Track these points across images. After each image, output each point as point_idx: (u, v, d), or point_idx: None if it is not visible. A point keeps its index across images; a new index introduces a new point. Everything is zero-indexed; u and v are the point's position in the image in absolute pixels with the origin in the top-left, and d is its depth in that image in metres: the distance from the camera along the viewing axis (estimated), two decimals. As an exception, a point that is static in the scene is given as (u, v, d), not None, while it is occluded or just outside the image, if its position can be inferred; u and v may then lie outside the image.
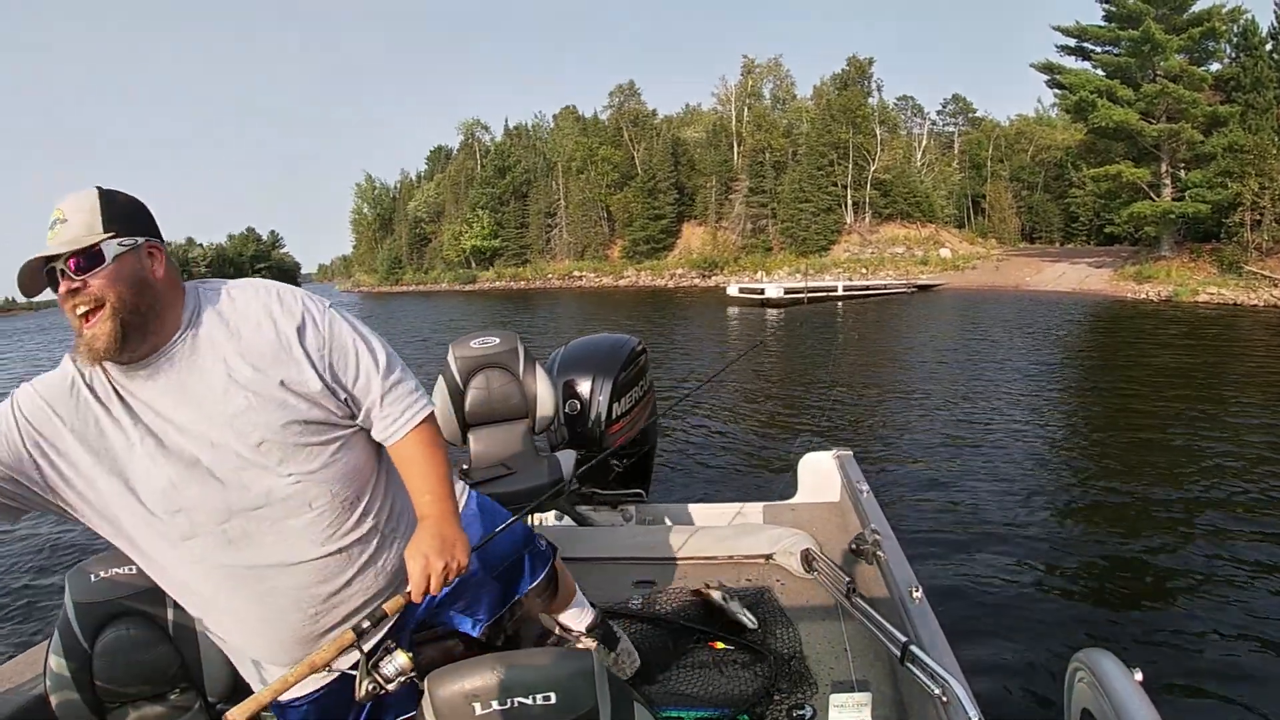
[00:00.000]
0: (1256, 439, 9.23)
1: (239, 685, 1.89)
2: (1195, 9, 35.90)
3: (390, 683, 1.56)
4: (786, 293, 36.79)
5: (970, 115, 70.18)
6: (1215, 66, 37.18)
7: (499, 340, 3.77)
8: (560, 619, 2.52)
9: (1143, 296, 31.02)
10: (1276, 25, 35.08)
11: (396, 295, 77.98)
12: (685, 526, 3.80)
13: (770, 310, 33.32)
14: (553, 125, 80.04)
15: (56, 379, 1.51)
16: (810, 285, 39.07)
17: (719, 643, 2.67)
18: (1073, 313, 26.52)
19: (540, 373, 3.77)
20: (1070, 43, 40.07)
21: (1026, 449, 9.33)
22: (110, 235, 1.45)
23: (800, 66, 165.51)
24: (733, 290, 40.52)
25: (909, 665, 2.01)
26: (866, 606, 2.44)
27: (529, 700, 1.42)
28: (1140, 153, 37.33)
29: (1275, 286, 28.47)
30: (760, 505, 4.05)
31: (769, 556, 3.32)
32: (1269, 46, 35.16)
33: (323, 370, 1.62)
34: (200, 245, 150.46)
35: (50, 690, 1.88)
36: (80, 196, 1.47)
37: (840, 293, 39.39)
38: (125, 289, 1.45)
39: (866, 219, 57.01)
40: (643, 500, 4.33)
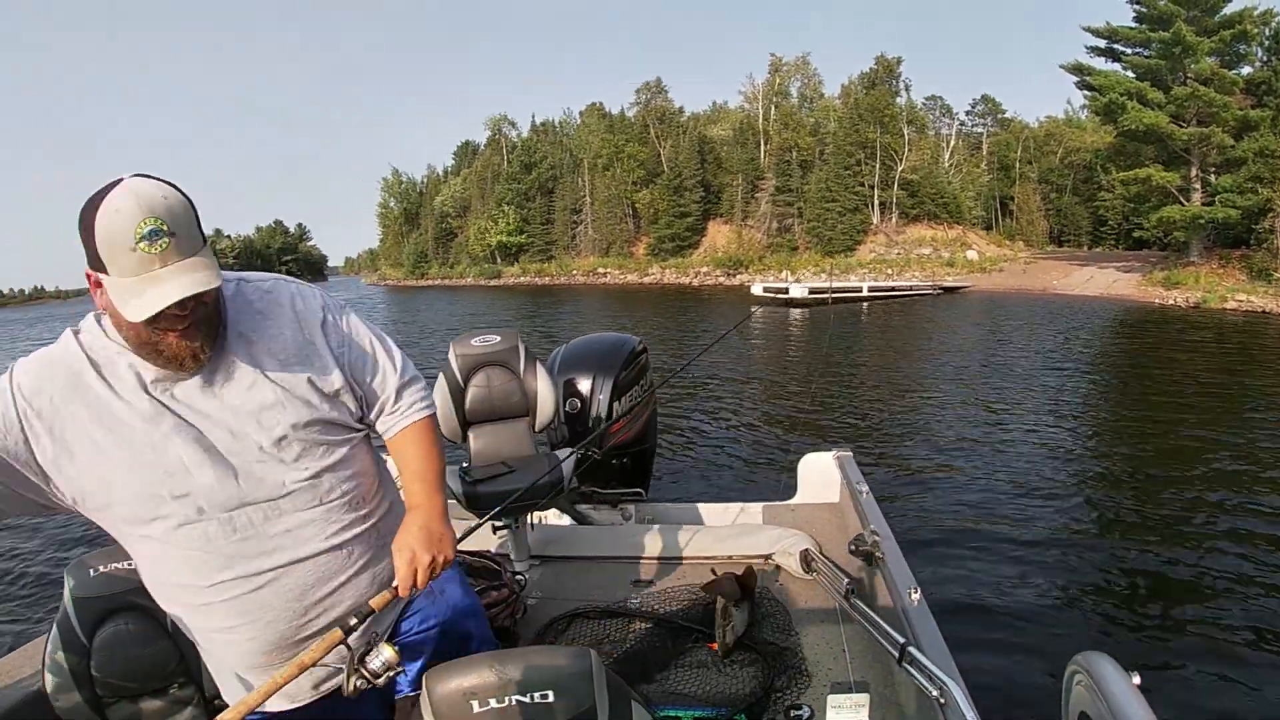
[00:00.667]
0: (1276, 447, 9.18)
1: None
2: (1226, 11, 35.51)
3: (378, 677, 1.54)
4: (811, 293, 36.61)
5: (999, 116, 69.59)
6: (1246, 70, 36.81)
7: (500, 338, 3.76)
8: None
9: (1170, 302, 30.71)
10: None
11: (422, 289, 78.33)
12: (685, 526, 3.83)
13: (794, 310, 33.13)
14: (579, 122, 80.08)
15: (60, 354, 1.46)
16: (835, 285, 38.94)
17: (717, 642, 2.66)
18: (1098, 317, 26.35)
19: (541, 371, 3.76)
20: (1100, 44, 39.67)
21: (1032, 453, 9.33)
22: (204, 247, 1.41)
23: (828, 65, 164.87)
24: (757, 289, 40.43)
25: (907, 666, 2.03)
26: (865, 607, 2.46)
27: (527, 699, 1.43)
28: (1170, 156, 36.89)
29: (1306, 294, 28.20)
30: (760, 505, 4.08)
31: (768, 556, 3.34)
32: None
33: (344, 367, 1.65)
34: (228, 237, 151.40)
35: (49, 685, 1.88)
36: (168, 200, 1.36)
37: (865, 293, 39.16)
38: (213, 300, 1.47)
39: (893, 219, 56.72)
40: (642, 499, 4.35)
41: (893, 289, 41.15)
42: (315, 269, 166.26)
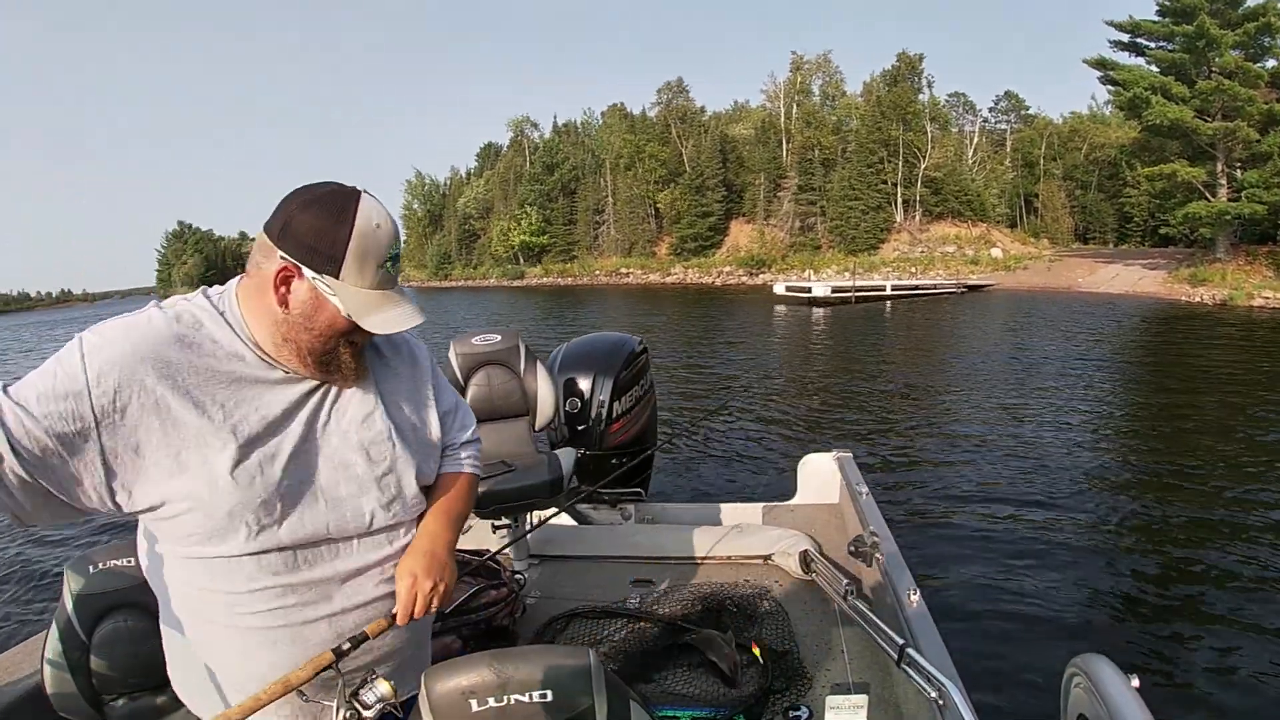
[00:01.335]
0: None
1: None
2: (1250, 4, 35.06)
3: (369, 709, 1.41)
4: (834, 292, 36.59)
5: (1023, 112, 69.10)
6: (1271, 63, 36.19)
7: (500, 338, 3.73)
8: None
9: (1197, 300, 30.50)
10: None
11: (445, 290, 78.64)
12: (684, 526, 3.82)
13: (817, 309, 33.07)
14: (601, 122, 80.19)
15: (153, 338, 1.30)
16: (858, 284, 38.81)
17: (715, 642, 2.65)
18: (1123, 315, 26.20)
19: (541, 371, 3.73)
20: (1124, 38, 39.27)
21: (1035, 454, 9.29)
22: None
23: (850, 63, 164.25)
24: (779, 289, 40.40)
25: (906, 668, 2.03)
26: (864, 608, 2.45)
27: (525, 698, 1.41)
28: (1195, 151, 36.51)
29: (1335, 290, 27.90)
30: (760, 506, 4.07)
31: (768, 557, 3.34)
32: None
33: (441, 419, 1.66)
34: (253, 239, 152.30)
35: (47, 681, 1.87)
36: (398, 232, 1.41)
37: (889, 292, 39.13)
38: None
39: (917, 217, 56.52)
40: (642, 499, 4.34)
41: (916, 288, 41.07)
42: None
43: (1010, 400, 12.48)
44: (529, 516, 3.68)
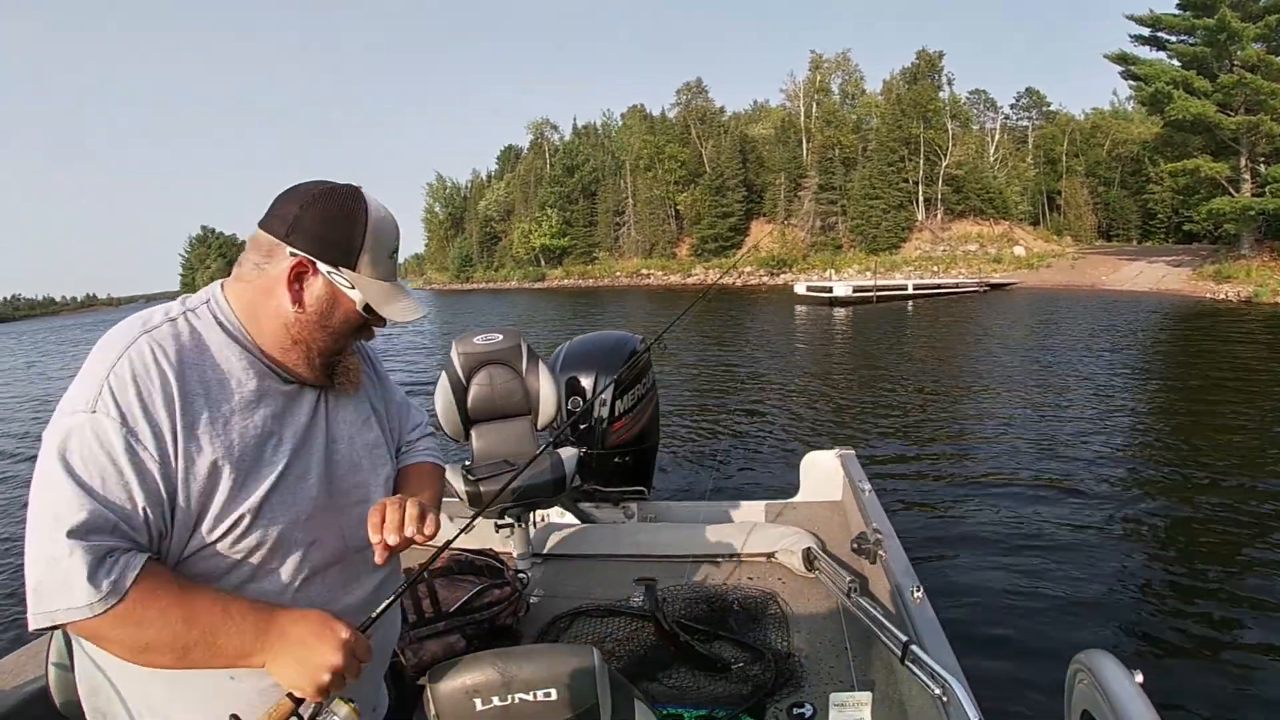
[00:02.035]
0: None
1: None
2: (1271, -5, 34.53)
3: None
4: (855, 291, 36.45)
5: (1044, 109, 68.72)
6: (1294, 55, 35.81)
7: (502, 337, 3.70)
8: None
9: (1221, 297, 30.16)
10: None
11: (467, 293, 79.02)
12: (687, 524, 3.83)
13: (838, 309, 32.96)
14: (620, 124, 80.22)
15: (176, 342, 1.24)
16: (879, 284, 38.66)
17: (719, 640, 2.66)
18: (1146, 313, 25.99)
19: (543, 370, 3.71)
20: (1144, 32, 38.77)
21: (1044, 450, 9.24)
22: None
23: (869, 61, 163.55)
24: (800, 289, 40.22)
25: (909, 665, 2.03)
26: (868, 605, 2.44)
27: (530, 696, 1.43)
28: (1218, 146, 36.19)
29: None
30: (763, 503, 4.06)
31: (771, 555, 3.33)
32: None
33: (396, 411, 1.64)
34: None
35: (52, 684, 1.76)
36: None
37: (910, 291, 38.98)
38: None
39: (938, 216, 56.27)
40: (645, 498, 4.31)
41: (938, 287, 40.77)
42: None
43: (1025, 399, 12.42)
44: (532, 515, 3.71)
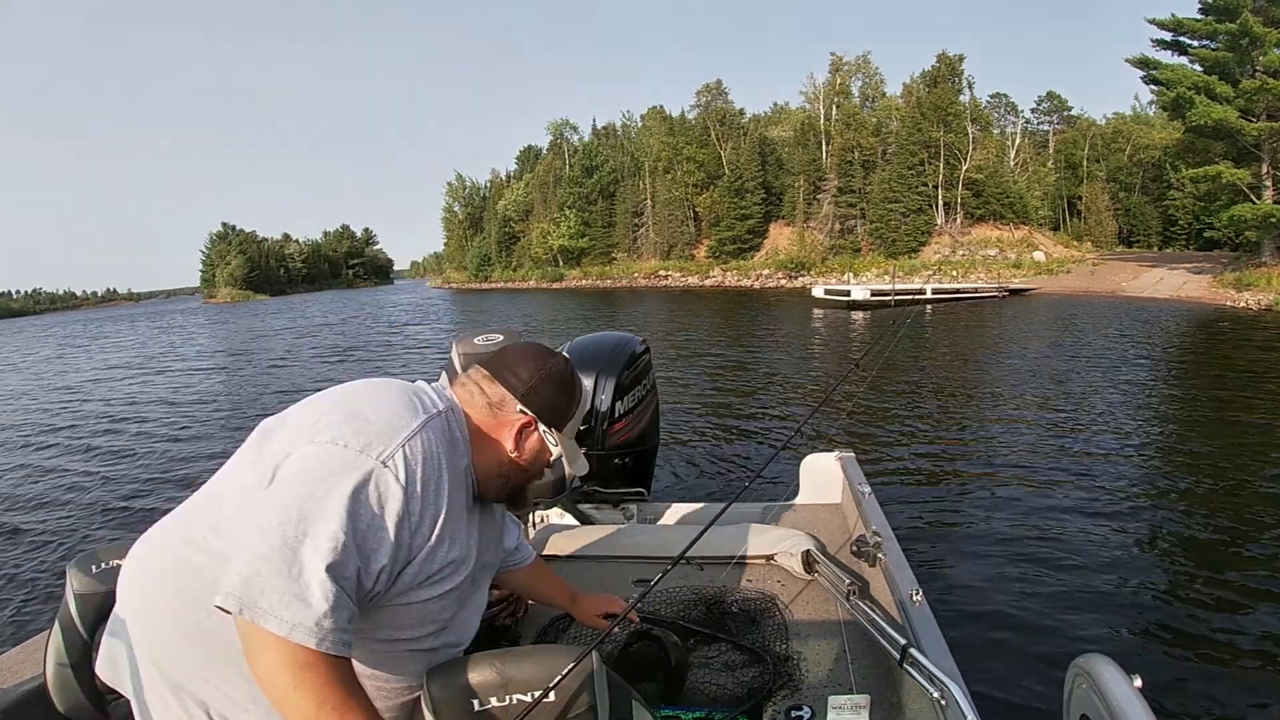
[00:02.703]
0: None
1: None
2: (1294, 0, 34.10)
3: None
4: (873, 295, 36.43)
5: (1065, 113, 68.36)
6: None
7: (502, 338, 3.68)
8: None
9: (1241, 305, 29.87)
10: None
11: (485, 292, 79.42)
12: (687, 526, 3.82)
13: (856, 313, 32.92)
14: (640, 125, 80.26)
15: (445, 438, 1.51)
16: (898, 288, 38.57)
17: (717, 642, 2.65)
18: (1165, 320, 25.87)
19: None
20: (1166, 36, 38.32)
21: (1044, 455, 9.26)
22: None
23: (889, 64, 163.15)
24: (818, 292, 40.07)
25: (908, 668, 2.04)
26: (867, 608, 2.47)
27: (528, 697, 1.43)
28: (1240, 152, 35.75)
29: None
30: (762, 505, 4.03)
31: (770, 557, 3.29)
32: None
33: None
34: (296, 241, 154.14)
35: (50, 680, 1.86)
36: None
37: (928, 295, 38.76)
38: None
39: (958, 220, 55.97)
40: (645, 499, 4.30)
41: (957, 291, 40.49)
42: (382, 273, 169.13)
43: (1034, 404, 12.39)
44: (531, 516, 3.77)
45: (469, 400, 1.64)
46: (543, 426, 1.66)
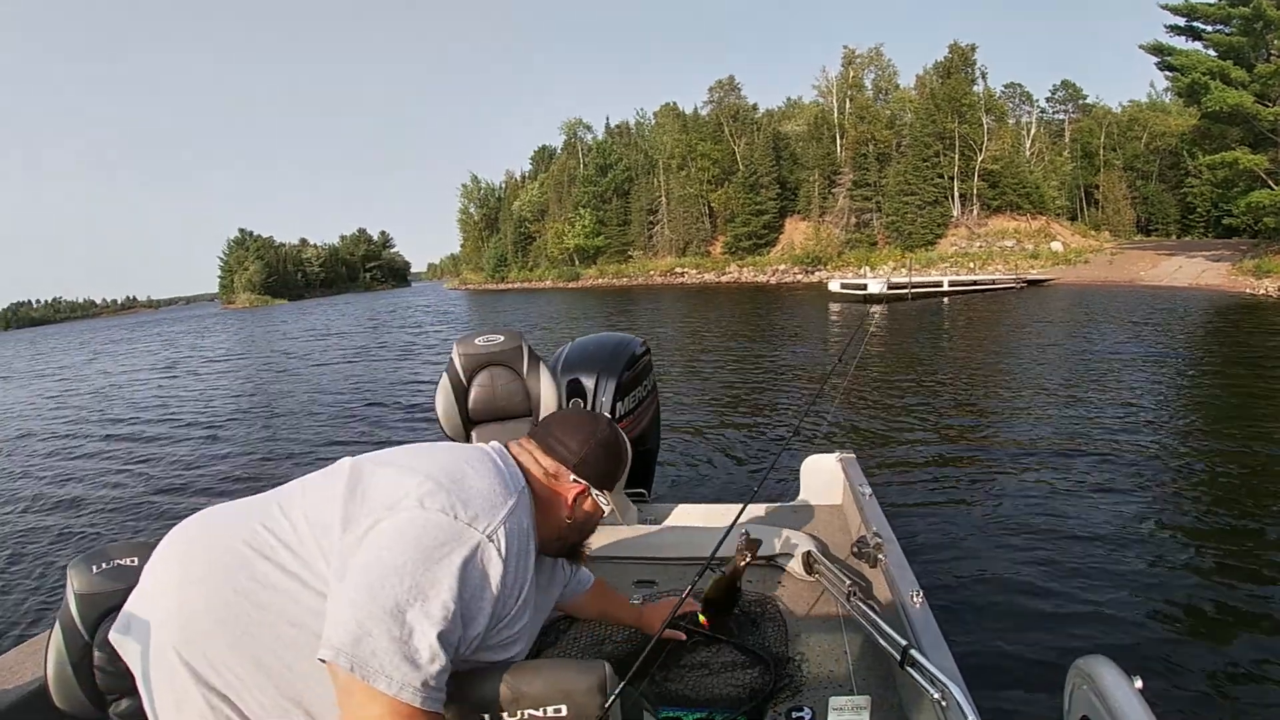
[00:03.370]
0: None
1: None
2: (1309, -18, 33.72)
3: None
4: (890, 288, 36.29)
5: (1080, 101, 67.94)
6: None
7: (503, 339, 3.74)
8: None
9: (1261, 292, 29.60)
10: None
11: (502, 293, 79.50)
12: (687, 527, 3.79)
13: (873, 306, 32.71)
14: (653, 123, 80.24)
15: (528, 511, 1.69)
16: (914, 280, 38.44)
17: (718, 643, 2.64)
18: (1183, 309, 25.60)
19: (544, 371, 3.75)
20: (1180, 22, 38.06)
21: (1051, 451, 9.13)
22: None
23: (902, 56, 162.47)
24: (835, 286, 39.90)
25: (909, 669, 2.03)
26: (867, 609, 2.45)
27: (539, 712, 1.45)
28: (1257, 138, 35.40)
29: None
30: (763, 506, 4.00)
31: (771, 558, 3.28)
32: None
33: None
34: (313, 246, 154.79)
35: (51, 680, 1.83)
36: None
37: (946, 288, 38.68)
38: None
39: (974, 211, 55.80)
40: (645, 499, 4.25)
41: (974, 283, 40.22)
42: (399, 275, 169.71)
43: (1047, 399, 12.22)
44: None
45: (529, 464, 1.77)
46: (594, 491, 1.79)
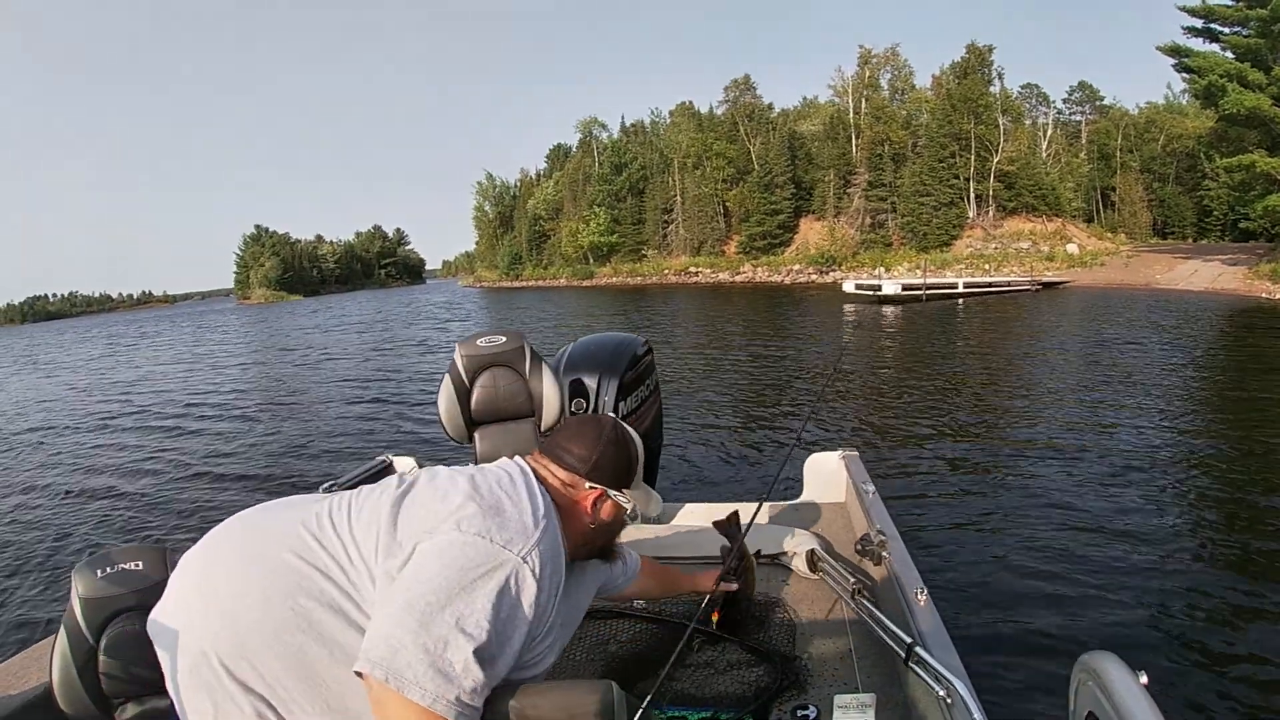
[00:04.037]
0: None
1: None
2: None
3: None
4: (904, 289, 36.29)
5: (1097, 103, 67.66)
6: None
7: (506, 339, 3.73)
8: None
9: (1278, 297, 29.56)
10: None
11: (516, 291, 79.85)
12: (691, 526, 3.80)
13: (887, 307, 32.78)
14: (669, 121, 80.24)
15: (557, 529, 1.70)
16: (929, 282, 38.37)
17: (723, 642, 2.64)
18: (1196, 314, 25.51)
19: (546, 371, 3.74)
20: (1197, 24, 37.84)
21: (1056, 450, 9.23)
22: None
23: (918, 56, 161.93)
24: (849, 287, 39.81)
25: (914, 666, 2.04)
26: (872, 607, 2.47)
27: None
28: (1274, 141, 35.13)
29: None
30: (766, 505, 3.98)
31: (775, 557, 3.28)
32: None
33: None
34: (329, 242, 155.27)
35: (56, 685, 1.84)
36: None
37: (960, 289, 38.53)
38: None
39: (990, 213, 55.61)
40: None
41: (989, 285, 40.02)
42: (414, 272, 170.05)
43: (1048, 400, 12.24)
44: None
45: (549, 476, 1.81)
46: (612, 492, 1.85)
